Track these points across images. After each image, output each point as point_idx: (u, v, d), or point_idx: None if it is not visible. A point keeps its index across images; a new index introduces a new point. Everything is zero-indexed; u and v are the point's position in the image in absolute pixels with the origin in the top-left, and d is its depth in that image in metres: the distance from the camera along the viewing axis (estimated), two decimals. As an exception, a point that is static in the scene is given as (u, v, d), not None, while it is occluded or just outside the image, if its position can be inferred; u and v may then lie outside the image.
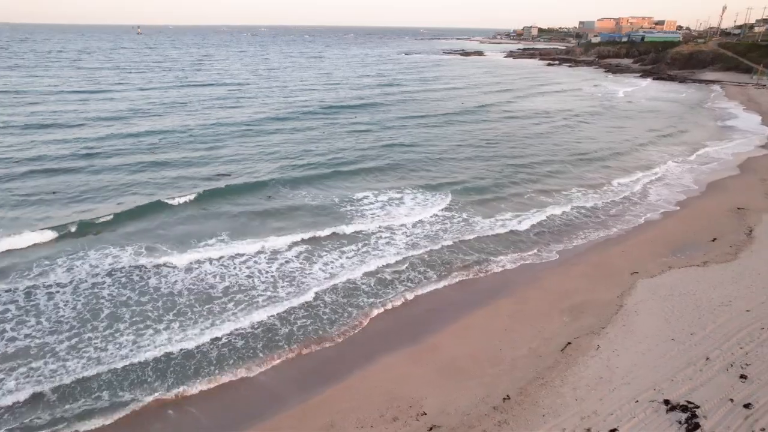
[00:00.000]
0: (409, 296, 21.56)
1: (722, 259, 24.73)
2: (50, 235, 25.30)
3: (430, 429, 14.29)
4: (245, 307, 20.20)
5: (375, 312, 20.35)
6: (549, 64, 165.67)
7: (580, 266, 24.30)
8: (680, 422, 13.67)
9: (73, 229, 26.02)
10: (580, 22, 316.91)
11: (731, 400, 14.43)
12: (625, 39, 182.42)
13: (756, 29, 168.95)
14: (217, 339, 18.15)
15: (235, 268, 23.27)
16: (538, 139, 51.46)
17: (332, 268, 23.63)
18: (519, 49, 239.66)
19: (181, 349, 17.50)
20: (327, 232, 27.07)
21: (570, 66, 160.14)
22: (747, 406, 14.12)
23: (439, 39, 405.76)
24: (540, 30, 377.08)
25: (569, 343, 18.11)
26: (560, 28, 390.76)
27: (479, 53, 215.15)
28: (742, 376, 15.37)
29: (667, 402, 14.44)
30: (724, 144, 51.19)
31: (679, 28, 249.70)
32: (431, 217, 29.94)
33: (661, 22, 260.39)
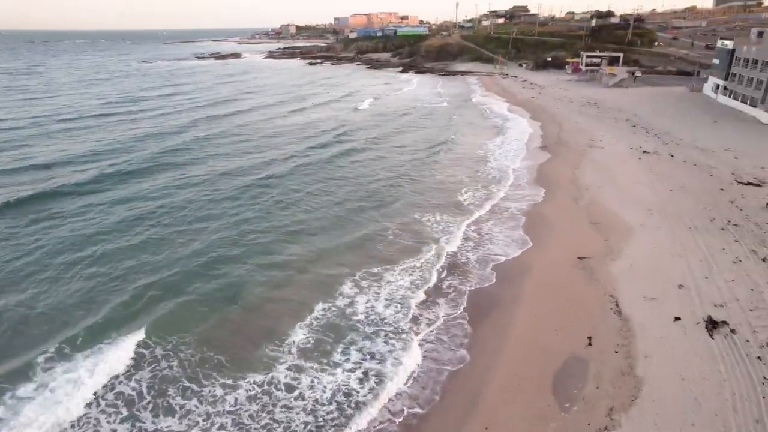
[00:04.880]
0: None
1: (625, 390, 15.81)
2: None
3: None
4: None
5: None
6: (312, 63, 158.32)
7: None
8: None
9: None
10: (335, 19, 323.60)
11: None
12: (380, 34, 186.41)
13: (483, 23, 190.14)
14: None
15: None
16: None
17: None
18: (279, 48, 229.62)
19: None
20: None
21: (333, 64, 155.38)
22: None
23: (194, 42, 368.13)
24: (298, 28, 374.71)
25: None
26: (317, 24, 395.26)
27: (237, 56, 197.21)
28: None
29: None
30: (507, 149, 47.01)
31: (421, 22, 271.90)
32: None
33: (405, 17, 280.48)
